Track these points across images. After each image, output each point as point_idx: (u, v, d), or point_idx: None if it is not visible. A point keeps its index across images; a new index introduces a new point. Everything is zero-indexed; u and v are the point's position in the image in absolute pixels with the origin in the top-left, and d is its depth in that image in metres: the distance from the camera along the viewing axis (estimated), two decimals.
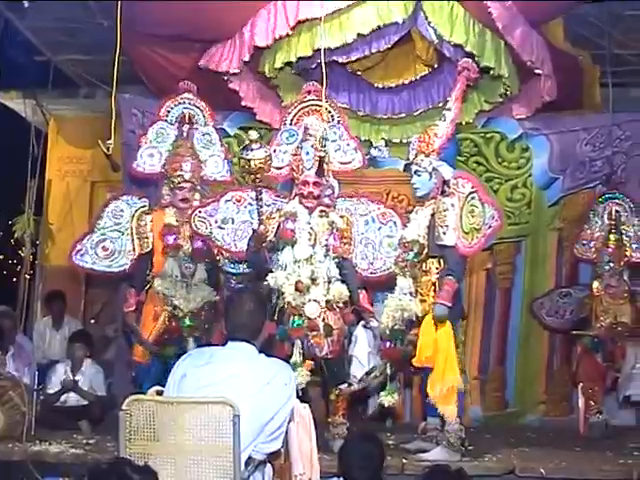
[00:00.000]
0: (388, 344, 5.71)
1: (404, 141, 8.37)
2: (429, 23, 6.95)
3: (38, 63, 8.89)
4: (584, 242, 7.36)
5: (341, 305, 5.89)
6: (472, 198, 5.63)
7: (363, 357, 5.95)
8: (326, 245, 5.91)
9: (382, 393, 5.74)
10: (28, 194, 9.05)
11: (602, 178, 7.87)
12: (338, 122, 6.35)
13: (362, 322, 5.97)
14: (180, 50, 7.67)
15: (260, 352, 3.75)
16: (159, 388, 3.81)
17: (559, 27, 7.44)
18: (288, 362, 5.37)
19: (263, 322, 3.82)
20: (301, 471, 3.76)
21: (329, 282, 5.86)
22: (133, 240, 6.42)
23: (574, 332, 7.40)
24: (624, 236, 7.23)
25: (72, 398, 6.97)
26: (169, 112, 6.63)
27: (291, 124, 6.30)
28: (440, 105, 8.09)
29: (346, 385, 5.92)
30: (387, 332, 5.70)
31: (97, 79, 8.86)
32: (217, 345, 3.98)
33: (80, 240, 6.50)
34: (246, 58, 7.08)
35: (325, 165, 6.04)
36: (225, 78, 7.45)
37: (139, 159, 6.54)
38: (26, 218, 8.94)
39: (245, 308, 3.79)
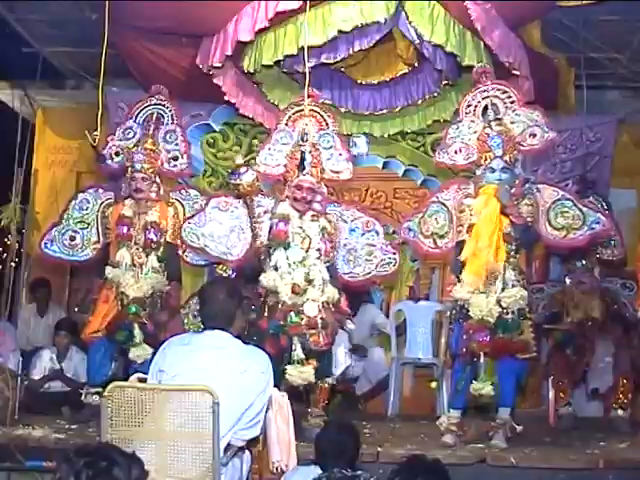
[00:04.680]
0: (485, 335, 5.65)
1: (385, 136, 8.58)
2: (410, 23, 7.01)
3: (26, 54, 8.91)
4: None
5: (331, 306, 6.02)
6: (562, 203, 5.94)
7: (341, 356, 6.22)
8: (318, 249, 6.01)
9: (476, 383, 5.70)
10: (15, 183, 9.11)
11: (575, 178, 8.02)
12: (332, 130, 6.34)
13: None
14: (168, 44, 7.72)
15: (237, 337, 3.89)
16: (141, 375, 3.89)
17: (536, 30, 7.53)
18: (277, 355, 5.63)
19: (236, 310, 3.93)
20: (278, 458, 3.88)
21: (323, 284, 5.96)
22: (98, 231, 6.58)
23: (546, 326, 7.50)
24: None
25: (56, 384, 7.05)
26: (138, 113, 6.71)
27: (287, 125, 6.29)
28: (419, 102, 8.30)
29: (330, 379, 6.08)
30: (490, 320, 5.66)
31: (85, 71, 8.92)
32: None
33: (49, 230, 6.66)
34: (228, 52, 7.11)
35: (315, 170, 6.14)
36: (209, 72, 7.50)
37: (106, 157, 6.62)
38: (12, 207, 8.97)
39: (217, 297, 3.92)
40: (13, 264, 9.28)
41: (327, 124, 6.34)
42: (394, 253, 6.41)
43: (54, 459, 5.07)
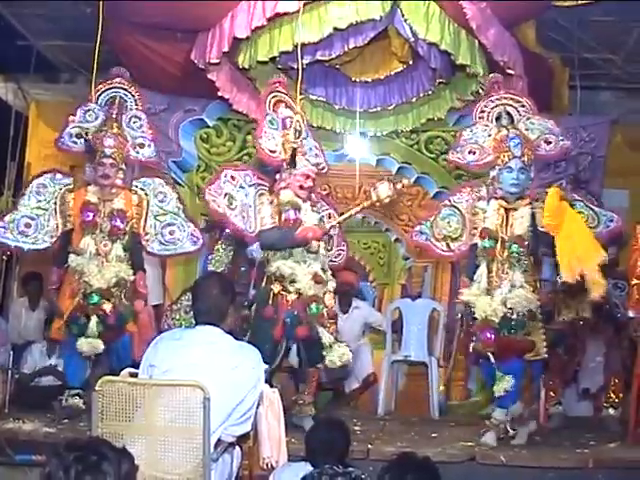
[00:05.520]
0: (489, 334, 5.68)
1: (378, 134, 8.60)
2: (405, 21, 7.05)
3: (21, 48, 8.90)
4: None
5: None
6: (572, 204, 5.95)
7: None
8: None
9: (498, 384, 5.69)
10: (7, 176, 9.11)
11: (569, 178, 8.05)
12: (304, 123, 6.38)
13: None
14: (162, 39, 7.72)
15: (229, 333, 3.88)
16: (132, 370, 3.88)
17: (531, 30, 7.56)
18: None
19: (228, 307, 3.91)
20: (269, 454, 3.88)
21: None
22: (57, 218, 6.30)
23: None
24: None
25: (47, 379, 7.03)
26: (100, 96, 6.54)
27: (270, 111, 6.29)
28: (413, 100, 8.32)
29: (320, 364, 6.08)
30: (494, 319, 5.70)
31: (79, 65, 8.87)
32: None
33: (2, 217, 6.38)
34: (225, 49, 7.13)
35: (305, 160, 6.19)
36: (203, 68, 7.50)
37: (65, 138, 6.44)
38: (5, 200, 8.95)
39: (211, 293, 3.89)
40: (5, 257, 9.23)
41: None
42: (343, 245, 6.68)
43: (44, 453, 5.07)
